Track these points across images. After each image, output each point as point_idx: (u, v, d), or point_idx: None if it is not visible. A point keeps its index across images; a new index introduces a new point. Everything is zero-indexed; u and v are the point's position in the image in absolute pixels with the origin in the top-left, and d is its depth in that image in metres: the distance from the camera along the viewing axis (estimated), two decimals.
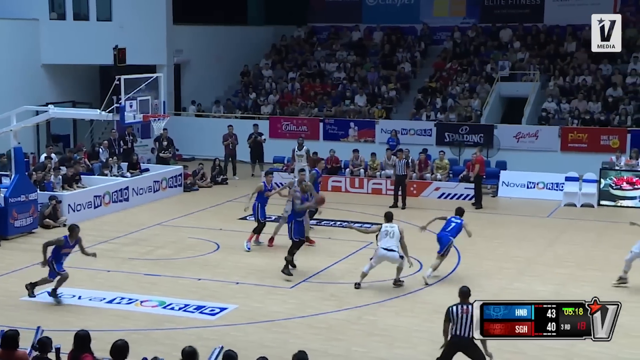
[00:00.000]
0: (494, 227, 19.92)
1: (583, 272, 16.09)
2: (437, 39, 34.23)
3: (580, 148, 26.33)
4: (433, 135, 28.23)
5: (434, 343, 11.91)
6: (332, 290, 14.67)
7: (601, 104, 27.95)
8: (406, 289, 14.58)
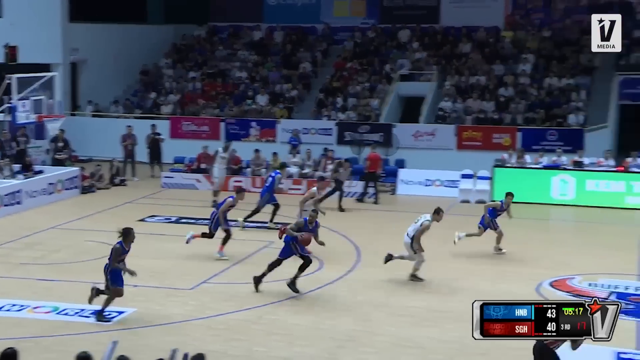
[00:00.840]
0: (393, 223, 20.16)
1: (475, 266, 16.48)
2: (338, 39, 34.50)
3: (474, 146, 27.00)
4: (334, 135, 28.44)
5: (334, 340, 12.01)
6: (232, 291, 14.56)
7: (494, 103, 28.74)
8: (306, 288, 14.58)
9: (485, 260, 16.98)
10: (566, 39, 31.18)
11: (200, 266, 15.72)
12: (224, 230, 16.70)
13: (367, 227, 20.28)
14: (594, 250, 17.84)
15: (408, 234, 15.16)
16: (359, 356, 11.30)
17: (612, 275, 15.69)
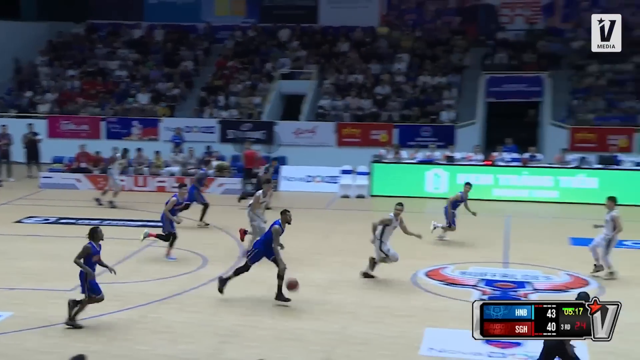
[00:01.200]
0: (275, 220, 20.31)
1: (356, 259, 16.80)
2: (219, 37, 34.37)
3: (353, 142, 27.50)
4: (217, 133, 28.34)
5: (218, 336, 12.03)
6: (115, 291, 14.32)
7: (371, 100, 29.34)
8: (188, 285, 14.53)
9: (364, 254, 17.32)
10: (437, 39, 32.17)
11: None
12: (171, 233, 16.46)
13: (247, 223, 20.32)
14: (466, 241, 18.52)
15: None
16: (242, 350, 11.36)
17: (481, 263, 16.36)
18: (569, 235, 18.72)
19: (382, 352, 11.27)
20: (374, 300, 13.75)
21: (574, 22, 31.81)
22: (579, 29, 31.51)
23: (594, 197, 21.77)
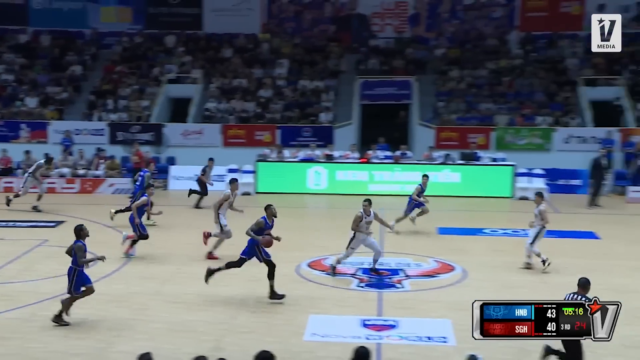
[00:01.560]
0: (166, 217, 19.98)
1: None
2: (107, 43, 33.38)
3: (239, 143, 27.34)
4: (106, 135, 27.57)
5: (110, 330, 11.71)
6: (4, 290, 13.72)
7: (255, 103, 29.28)
8: None
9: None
10: (315, 45, 32.45)
11: None
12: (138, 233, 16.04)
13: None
14: (345, 233, 18.74)
15: None
16: (134, 343, 11.09)
17: (359, 253, 16.58)
18: (437, 225, 19.30)
19: (269, 339, 11.27)
20: (261, 291, 13.72)
21: (436, 32, 32.80)
22: (441, 38, 32.54)
23: (457, 190, 22.57)
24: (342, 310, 12.92)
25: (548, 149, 26.16)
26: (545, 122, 27.02)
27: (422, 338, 11.63)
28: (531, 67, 30.14)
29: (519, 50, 31.37)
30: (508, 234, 18.77)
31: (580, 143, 25.95)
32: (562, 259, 16.06)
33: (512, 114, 27.65)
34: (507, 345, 10.95)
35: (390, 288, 14.25)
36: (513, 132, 26.56)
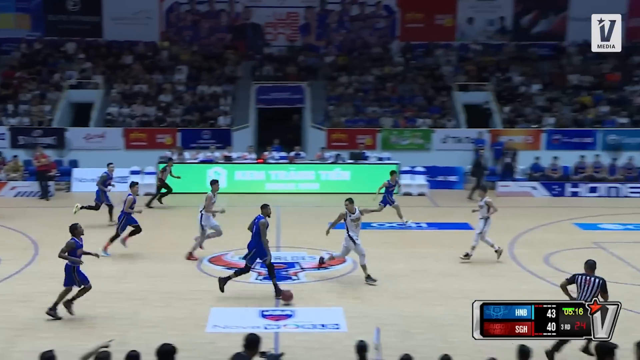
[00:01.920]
0: (68, 218, 19.34)
1: (144, 251, 16.45)
2: (5, 49, 31.88)
3: (141, 146, 26.74)
4: (7, 139, 26.38)
5: (12, 330, 11.26)
6: None
7: (156, 107, 28.74)
8: None
9: (149, 246, 16.99)
10: (212, 53, 32.16)
11: None
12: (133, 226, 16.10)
13: (45, 223, 19.21)
14: (244, 229, 18.67)
15: None
16: (36, 342, 10.72)
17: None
18: (329, 221, 19.48)
19: (172, 332, 11.14)
20: (164, 287, 13.54)
21: (325, 40, 33.16)
22: (330, 46, 32.92)
23: (348, 187, 22.90)
24: (242, 302, 12.91)
25: (428, 149, 26.93)
26: (425, 124, 27.79)
27: (316, 326, 11.79)
28: (411, 74, 30.94)
29: (400, 58, 32.14)
30: (394, 227, 19.21)
31: (456, 143, 26.87)
32: (439, 249, 16.61)
33: (395, 117, 28.30)
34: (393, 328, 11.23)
35: (287, 280, 14.34)
36: (397, 133, 27.20)
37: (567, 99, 29.25)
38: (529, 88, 29.81)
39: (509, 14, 32.85)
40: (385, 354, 8.25)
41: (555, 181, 23.40)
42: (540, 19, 32.91)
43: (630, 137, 26.21)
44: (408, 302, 12.95)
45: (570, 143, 26.24)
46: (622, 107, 28.29)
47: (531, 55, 31.93)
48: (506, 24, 32.95)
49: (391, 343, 10.66)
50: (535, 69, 31.01)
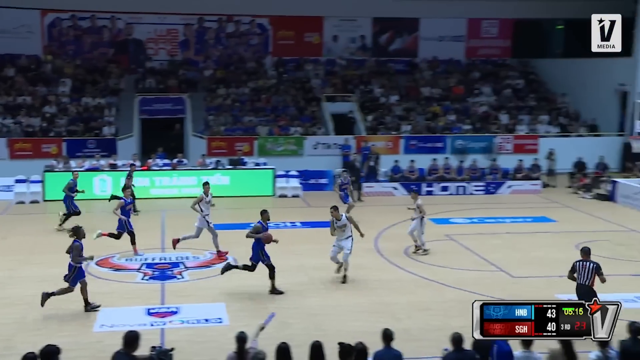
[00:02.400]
0: None
1: (31, 256, 15.62)
2: None
3: (26, 155, 25.33)
4: None
5: None
6: None
7: (40, 118, 27.29)
8: None
9: (38, 251, 16.13)
10: (96, 66, 30.96)
11: None
12: (129, 232, 15.57)
13: None
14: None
15: None
16: None
17: (143, 250, 16.14)
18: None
19: (60, 334, 10.64)
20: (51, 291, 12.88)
21: (204, 55, 32.77)
22: (208, 60, 32.56)
23: (228, 191, 22.70)
24: (128, 302, 12.51)
25: (301, 154, 27.21)
26: (297, 132, 28.06)
27: (200, 321, 11.63)
28: (284, 86, 31.15)
29: (274, 72, 32.29)
30: (271, 226, 19.18)
31: (325, 149, 27.33)
32: (313, 246, 16.80)
33: (270, 125, 28.38)
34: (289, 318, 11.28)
35: (172, 279, 14.04)
36: (272, 141, 27.29)
37: (421, 108, 30.48)
38: (388, 99, 30.81)
39: (368, 33, 33.82)
40: (265, 343, 8.26)
41: (412, 182, 24.30)
42: (395, 38, 34.11)
43: (473, 142, 27.69)
44: (285, 295, 13.02)
45: (424, 148, 27.37)
46: (466, 116, 29.82)
47: (389, 69, 33.01)
48: (366, 42, 33.90)
49: (269, 333, 10.66)
50: (392, 82, 32.09)
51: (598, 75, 29.87)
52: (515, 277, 14.20)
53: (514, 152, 27.19)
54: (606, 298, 12.42)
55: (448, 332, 8.25)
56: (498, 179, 24.64)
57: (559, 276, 13.95)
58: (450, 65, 33.51)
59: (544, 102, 31.35)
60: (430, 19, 33.37)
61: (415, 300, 12.72)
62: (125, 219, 15.74)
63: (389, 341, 8.07)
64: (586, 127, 29.34)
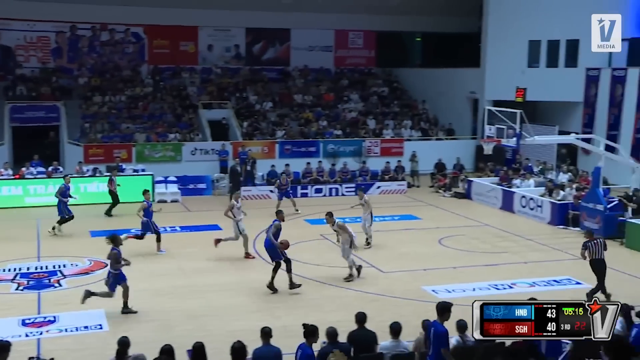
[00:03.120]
0: None
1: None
2: None
3: None
4: None
5: None
6: None
7: None
8: None
9: None
10: None
11: None
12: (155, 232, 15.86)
13: None
14: (2, 242, 16.95)
15: None
16: None
17: (18, 260, 15.22)
18: (89, 229, 18.47)
19: None
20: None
21: (78, 63, 31.33)
22: (83, 68, 31.19)
23: (105, 198, 21.74)
24: (2, 313, 11.70)
25: (179, 160, 26.66)
26: (175, 138, 27.48)
27: (79, 328, 11.12)
28: (161, 94, 30.41)
29: (150, 80, 31.44)
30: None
31: (203, 154, 26.96)
32: (193, 249, 16.54)
33: (148, 132, 27.59)
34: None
35: (48, 288, 13.30)
36: (150, 147, 26.54)
37: (294, 115, 30.84)
38: (263, 106, 30.91)
39: (242, 43, 33.79)
40: (147, 348, 8.03)
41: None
42: (268, 48, 34.32)
43: (344, 146, 28.38)
44: (167, 299, 12.72)
45: (298, 152, 27.70)
46: (336, 122, 30.53)
47: (263, 77, 33.14)
48: (241, 51, 33.84)
49: (152, 337, 10.40)
50: (266, 89, 32.23)
51: (452, 83, 31.64)
52: (385, 272, 14.70)
53: (381, 155, 28.15)
54: (463, 287, 13.27)
55: (325, 326, 8.44)
56: (367, 180, 25.41)
57: (423, 269, 14.67)
58: (320, 73, 34.17)
59: (407, 108, 32.73)
60: (301, 29, 33.88)
61: (293, 298, 12.85)
62: (148, 220, 15.95)
63: (268, 338, 8.12)
64: (444, 131, 30.94)
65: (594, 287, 12.42)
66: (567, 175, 22.78)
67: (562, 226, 19.07)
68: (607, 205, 17.64)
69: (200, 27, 32.75)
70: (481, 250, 16.67)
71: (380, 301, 12.55)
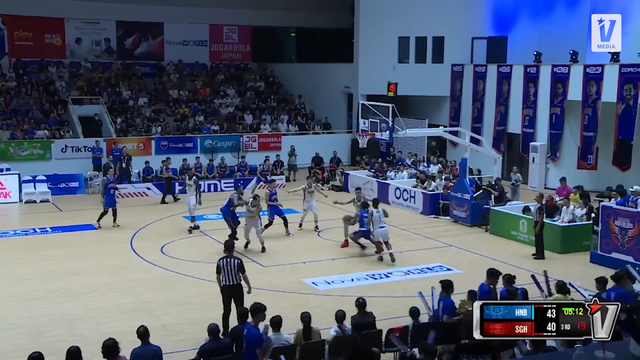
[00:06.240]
0: None
1: None
2: None
3: None
4: None
5: None
6: None
7: None
8: None
9: None
10: None
11: None
12: None
13: None
14: None
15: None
16: None
17: None
18: None
19: None
20: None
21: None
22: None
23: None
24: None
25: (48, 158, 25.20)
26: (44, 135, 25.97)
27: None
28: (25, 89, 28.60)
29: (13, 74, 29.46)
30: (18, 234, 17.65)
31: (75, 152, 25.65)
32: (65, 250, 15.83)
33: (13, 129, 25.86)
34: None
35: None
36: (15, 145, 24.90)
37: (170, 110, 30.14)
38: (137, 101, 29.95)
39: (113, 36, 32.54)
40: (15, 356, 7.61)
41: (164, 181, 23.92)
42: (141, 42, 33.28)
43: (221, 141, 28.10)
44: (37, 303, 12.09)
45: (175, 148, 27.08)
46: (213, 117, 30.19)
47: (136, 72, 32.09)
48: (112, 45, 32.56)
49: (21, 344, 9.87)
50: (140, 84, 31.25)
51: (327, 78, 32.27)
52: (265, 266, 14.81)
53: (260, 150, 28.21)
54: (342, 278, 13.66)
55: (205, 324, 8.40)
56: (246, 175, 25.38)
57: (303, 262, 14.92)
58: (195, 68, 33.63)
59: (283, 103, 32.99)
60: (174, 23, 33.15)
61: (172, 296, 12.64)
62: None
63: (146, 337, 7.96)
64: (320, 126, 31.52)
65: None
66: (437, 166, 23.92)
67: (433, 215, 20.04)
68: (473, 193, 18.76)
69: (67, 19, 31.14)
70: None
71: (261, 295, 12.65)
